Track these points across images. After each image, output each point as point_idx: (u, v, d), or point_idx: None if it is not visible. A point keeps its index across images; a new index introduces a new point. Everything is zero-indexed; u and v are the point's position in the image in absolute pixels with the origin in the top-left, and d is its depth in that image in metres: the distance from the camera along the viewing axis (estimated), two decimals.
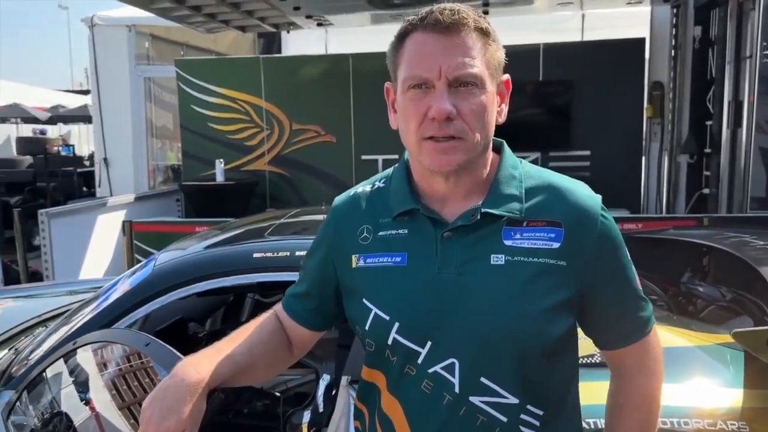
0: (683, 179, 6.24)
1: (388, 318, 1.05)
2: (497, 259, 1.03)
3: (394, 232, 1.09)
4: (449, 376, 1.02)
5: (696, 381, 1.80)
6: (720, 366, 1.83)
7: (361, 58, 6.67)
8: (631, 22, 6.66)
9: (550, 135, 6.25)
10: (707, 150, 5.53)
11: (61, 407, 1.80)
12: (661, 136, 6.45)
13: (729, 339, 1.80)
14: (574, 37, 6.99)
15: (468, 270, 1.03)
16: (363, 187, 1.18)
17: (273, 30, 7.07)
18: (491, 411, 1.02)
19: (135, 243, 5.11)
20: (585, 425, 1.21)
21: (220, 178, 6.67)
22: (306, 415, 2.01)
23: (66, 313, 2.35)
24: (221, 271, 2.03)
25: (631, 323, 1.11)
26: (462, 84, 1.00)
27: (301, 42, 7.93)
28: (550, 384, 1.07)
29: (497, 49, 1.05)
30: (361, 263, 1.10)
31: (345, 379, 1.82)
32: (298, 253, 2.00)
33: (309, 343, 1.25)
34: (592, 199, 1.07)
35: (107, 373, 1.74)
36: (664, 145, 6.44)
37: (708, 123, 5.49)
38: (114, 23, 7.60)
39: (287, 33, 7.56)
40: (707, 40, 5.64)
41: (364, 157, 6.76)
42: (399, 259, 1.07)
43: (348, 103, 6.75)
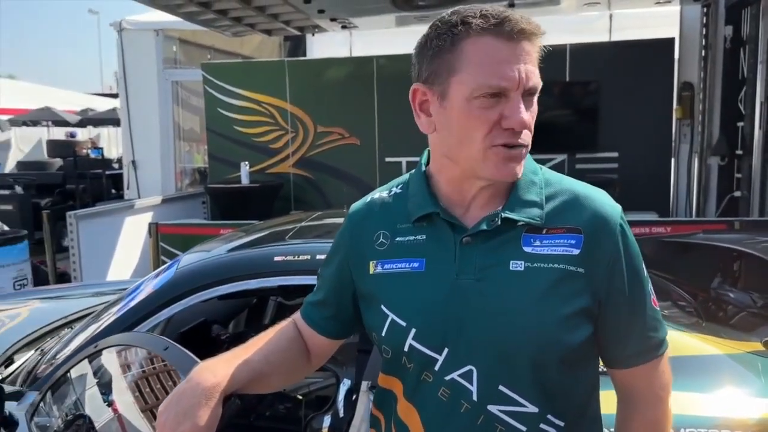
0: (714, 182, 6.11)
1: (404, 324, 1.03)
2: (517, 266, 1.01)
3: (412, 237, 1.07)
4: (467, 383, 1.01)
5: (726, 391, 1.75)
6: (751, 375, 1.78)
7: (386, 60, 6.67)
8: (660, 22, 6.55)
9: (577, 137, 6.16)
10: (739, 152, 5.41)
11: (85, 409, 1.82)
12: (691, 137, 6.33)
13: (760, 347, 1.75)
14: (601, 38, 6.90)
15: (487, 276, 1.01)
16: (380, 193, 1.17)
17: (298, 33, 7.10)
18: (510, 420, 1.00)
19: (161, 245, 5.16)
20: None
21: (245, 180, 6.71)
22: (326, 420, 2.01)
23: (91, 315, 2.37)
24: (242, 275, 2.03)
25: (642, 342, 1.07)
26: (529, 93, 0.99)
27: (326, 44, 7.96)
28: (570, 393, 1.04)
29: None
30: (379, 269, 1.08)
31: (365, 385, 1.81)
32: (318, 257, 1.99)
33: (328, 352, 1.23)
34: (612, 208, 1.05)
35: (130, 375, 1.75)
36: (694, 147, 6.32)
37: (739, 124, 5.38)
38: (142, 27, 7.71)
39: (312, 36, 7.59)
40: (738, 39, 5.52)
41: (388, 160, 6.75)
42: (417, 265, 1.05)
43: (372, 106, 6.75)
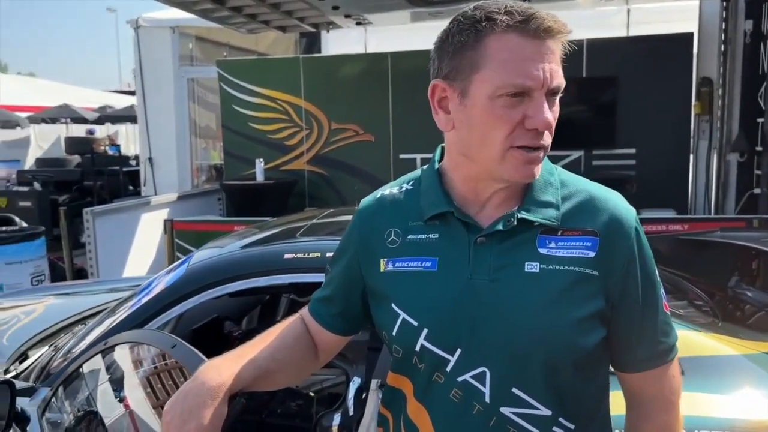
0: (733, 179, 6.03)
1: (416, 324, 1.02)
2: (531, 267, 0.99)
3: (424, 236, 1.06)
4: (479, 385, 0.99)
5: (743, 392, 1.72)
6: None
7: (400, 56, 6.64)
8: (679, 16, 6.47)
9: (594, 133, 6.10)
10: (758, 148, 5.33)
11: (96, 404, 1.82)
12: (710, 133, 6.24)
13: None
14: (619, 33, 6.82)
15: (501, 277, 1.00)
16: (390, 189, 1.15)
17: (312, 30, 7.09)
18: (523, 423, 0.99)
19: (176, 241, 5.20)
20: None
21: (260, 177, 6.73)
22: (336, 418, 2.00)
23: (104, 311, 2.39)
24: (253, 272, 2.03)
25: (653, 347, 1.05)
26: (553, 93, 0.97)
27: (341, 41, 7.95)
28: (582, 396, 1.03)
29: None
30: (390, 267, 1.07)
31: (375, 383, 1.80)
32: (329, 254, 1.97)
33: (335, 349, 1.23)
34: (628, 211, 1.04)
35: (142, 372, 1.75)
36: (712, 143, 6.23)
37: (759, 120, 5.29)
38: (158, 25, 7.75)
39: (327, 33, 7.58)
40: (759, 34, 5.43)
41: (402, 156, 6.74)
42: (429, 264, 1.04)
43: (386, 102, 6.73)
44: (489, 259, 1.01)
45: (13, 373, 2.16)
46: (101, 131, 15.36)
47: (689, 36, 6.12)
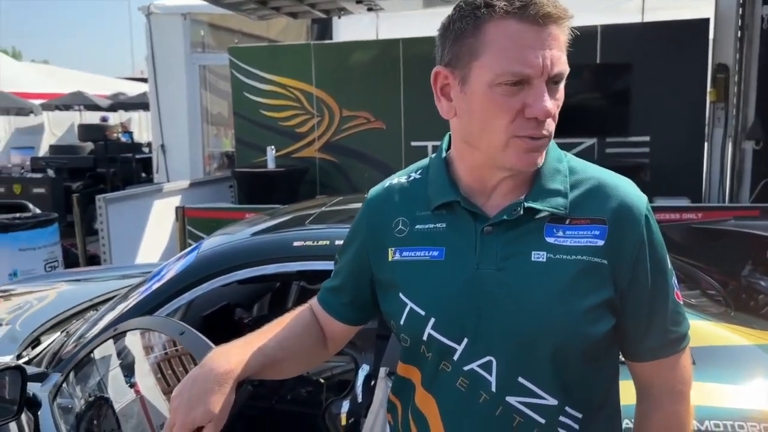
0: (748, 167, 5.95)
1: (423, 313, 1.02)
2: (539, 257, 0.98)
3: (431, 225, 1.05)
4: (486, 374, 0.99)
5: (756, 382, 1.70)
6: None
7: (412, 42, 6.59)
8: (695, 2, 6.36)
9: (607, 120, 6.02)
10: None
11: (107, 390, 1.84)
12: (725, 121, 6.15)
13: None
14: (633, 19, 6.72)
15: (508, 266, 0.99)
16: (398, 179, 1.15)
17: (323, 16, 7.06)
18: (529, 412, 0.98)
19: (188, 228, 5.22)
20: (625, 425, 1.15)
21: (271, 165, 6.73)
22: (345, 405, 2.00)
23: (115, 298, 2.40)
24: (262, 259, 2.03)
25: (663, 336, 1.04)
26: (554, 81, 0.95)
27: (353, 27, 7.91)
28: (590, 386, 1.02)
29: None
30: (397, 257, 1.07)
31: (383, 371, 1.80)
32: (337, 242, 1.98)
33: (344, 338, 1.23)
34: (638, 198, 1.02)
35: (152, 358, 1.76)
36: (728, 131, 6.15)
37: None
38: (170, 12, 7.74)
39: (338, 19, 7.54)
40: None
41: (413, 144, 6.71)
42: (436, 254, 1.03)
43: (398, 89, 6.70)
44: (496, 249, 1.00)
45: (26, 359, 2.18)
46: (114, 118, 15.42)
47: (705, 22, 6.03)
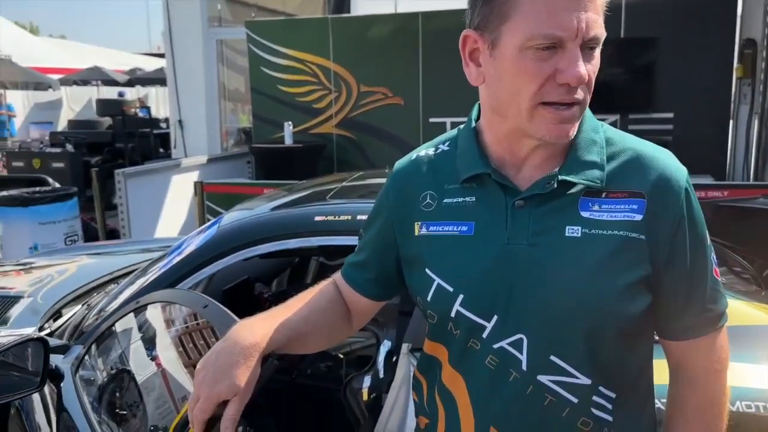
0: None
1: (451, 290, 0.99)
2: (573, 232, 0.94)
3: (460, 199, 1.02)
4: (516, 352, 0.96)
5: None
6: None
7: (431, 16, 6.49)
8: None
9: (630, 96, 5.90)
10: None
11: (128, 363, 1.84)
12: (752, 98, 6.01)
13: None
14: None
15: (540, 242, 0.95)
16: (425, 151, 1.10)
17: None
18: (561, 391, 0.95)
19: (206, 203, 5.23)
20: (657, 406, 1.12)
21: (288, 140, 6.71)
22: (366, 380, 1.99)
23: (136, 271, 2.40)
24: (283, 234, 2.01)
25: (701, 314, 1.00)
26: (590, 45, 0.90)
27: (371, 1, 7.80)
28: (624, 365, 0.99)
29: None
30: (424, 231, 1.03)
31: (406, 347, 1.78)
32: (359, 217, 1.96)
33: (369, 314, 1.20)
34: (678, 171, 0.97)
35: (174, 331, 1.76)
36: (754, 108, 6.01)
37: None
38: None
39: None
40: None
41: (432, 120, 6.64)
42: (465, 229, 1.00)
43: (416, 64, 6.61)
44: (527, 224, 0.96)
45: (48, 331, 2.19)
46: (131, 94, 15.46)
47: None
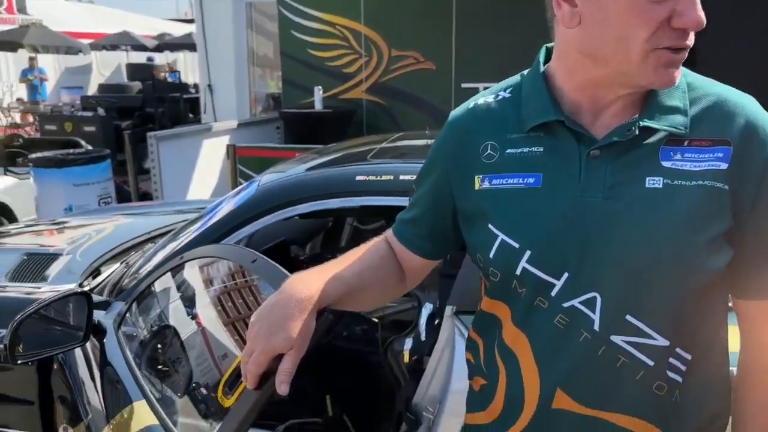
0: None
1: (517, 246, 0.93)
2: (654, 182, 0.88)
3: (526, 149, 0.95)
4: (589, 311, 0.90)
5: None
6: None
7: None
8: None
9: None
10: None
11: (169, 321, 1.84)
12: None
13: None
14: None
15: (617, 194, 0.89)
16: (484, 99, 1.03)
17: None
18: (635, 352, 0.90)
19: (238, 167, 5.22)
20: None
21: (318, 105, 6.65)
22: (408, 343, 1.97)
23: (173, 231, 2.39)
24: (324, 194, 1.97)
25: None
26: None
27: None
28: (702, 324, 0.93)
29: None
30: (486, 185, 0.97)
31: (449, 309, 1.74)
32: (402, 177, 1.91)
33: (423, 272, 1.15)
34: (765, 118, 0.90)
35: (213, 290, 1.74)
36: None
37: None
38: None
39: None
40: None
41: (464, 86, 6.50)
42: (532, 181, 0.93)
43: (449, 28, 6.45)
44: (604, 175, 0.90)
45: (87, 288, 2.20)
46: (160, 59, 15.47)
47: None
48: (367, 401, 2.30)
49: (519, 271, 0.93)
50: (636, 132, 0.89)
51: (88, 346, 1.85)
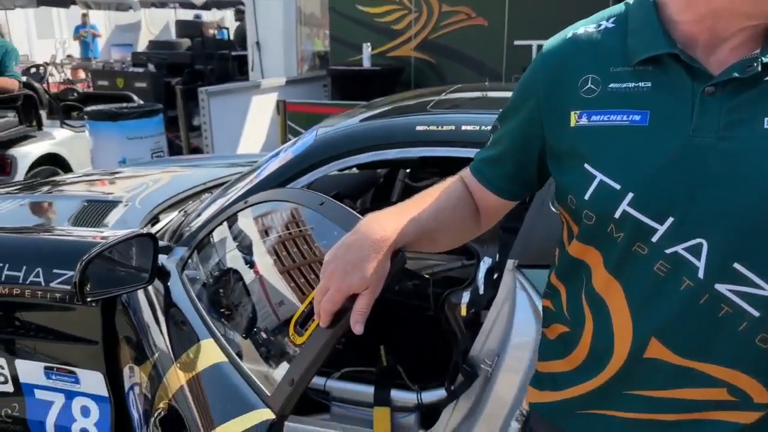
0: None
1: (618, 187, 0.87)
2: None
3: (632, 84, 0.88)
4: (693, 258, 0.85)
5: None
6: None
7: None
8: None
9: None
10: None
11: (229, 267, 1.86)
12: None
13: None
14: None
15: (733, 135, 0.83)
16: (584, 28, 0.96)
17: None
18: (740, 302, 0.85)
19: (288, 124, 5.23)
20: None
21: (366, 63, 6.58)
22: (465, 296, 1.95)
23: (229, 182, 2.41)
24: (383, 143, 1.95)
25: None
26: None
27: None
28: None
29: None
30: (583, 121, 0.91)
31: (511, 263, 1.72)
32: (464, 128, 1.87)
33: (499, 213, 1.11)
34: None
35: (268, 239, 1.75)
36: None
37: None
38: None
39: None
40: None
41: (516, 43, 6.33)
42: (638, 118, 0.87)
43: None
44: (718, 114, 0.83)
45: None
46: (207, 17, 15.50)
47: None
48: (420, 353, 2.31)
49: (618, 215, 0.88)
50: (758, 69, 0.82)
51: (150, 289, 1.88)
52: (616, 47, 0.91)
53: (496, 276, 1.92)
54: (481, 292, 1.92)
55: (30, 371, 2.21)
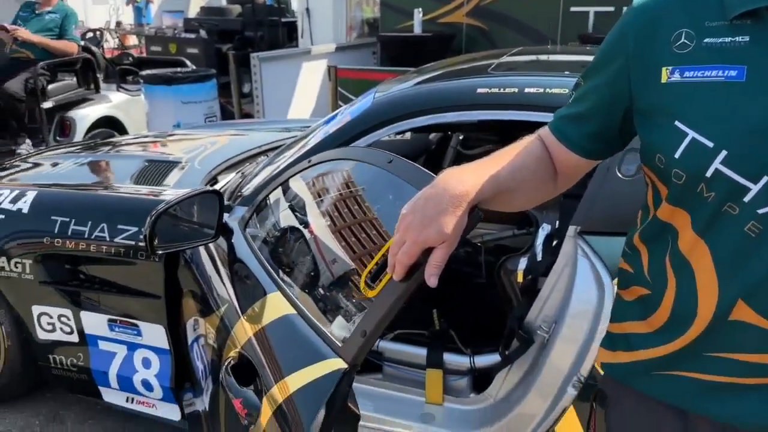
0: None
1: (711, 145, 0.84)
2: None
3: (728, 39, 0.85)
4: None
5: None
6: None
7: None
8: None
9: None
10: None
11: (288, 226, 1.88)
12: None
13: None
14: None
15: None
16: None
17: None
18: None
19: (338, 90, 5.23)
20: None
21: (417, 29, 6.49)
22: (522, 262, 1.94)
23: (287, 144, 2.42)
24: (441, 106, 1.92)
25: None
26: None
27: None
28: None
29: None
30: (676, 77, 0.88)
31: (572, 229, 1.69)
32: (527, 90, 1.83)
33: (577, 174, 1.09)
34: None
35: (321, 200, 1.76)
36: None
37: None
38: None
39: None
40: None
41: (573, 9, 6.15)
42: (734, 74, 0.83)
43: None
44: None
45: None
46: None
47: None
48: (471, 320, 2.31)
49: (710, 173, 0.85)
50: None
51: (212, 245, 1.93)
52: (711, 1, 0.87)
53: (555, 243, 1.90)
54: (539, 258, 1.90)
55: (94, 323, 2.30)
